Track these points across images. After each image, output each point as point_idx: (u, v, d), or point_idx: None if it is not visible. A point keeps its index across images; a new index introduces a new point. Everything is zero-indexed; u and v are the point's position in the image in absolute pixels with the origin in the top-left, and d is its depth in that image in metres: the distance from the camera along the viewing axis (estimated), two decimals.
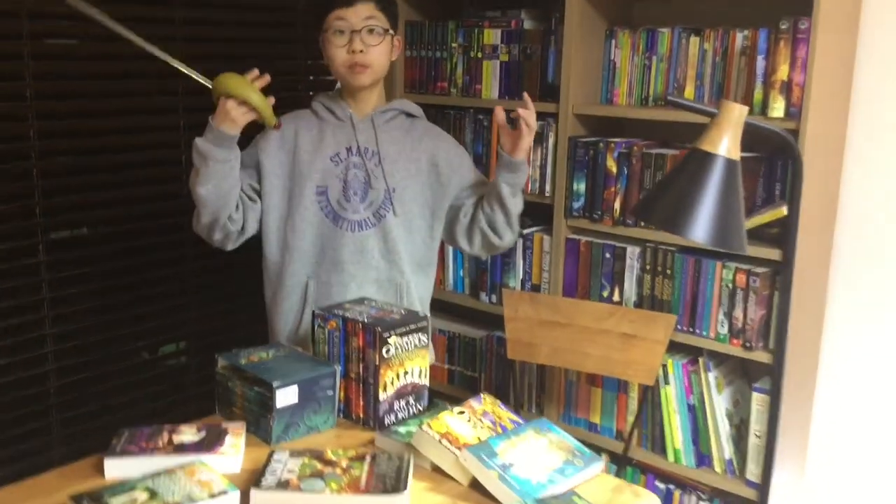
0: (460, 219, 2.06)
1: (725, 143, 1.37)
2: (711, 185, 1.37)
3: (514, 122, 1.89)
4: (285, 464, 1.41)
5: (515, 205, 1.99)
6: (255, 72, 1.83)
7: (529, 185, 2.51)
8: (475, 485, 1.43)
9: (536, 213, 2.61)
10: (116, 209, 2.35)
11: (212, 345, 2.49)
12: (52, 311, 2.22)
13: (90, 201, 2.29)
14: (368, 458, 1.44)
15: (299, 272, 2.02)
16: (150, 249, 2.43)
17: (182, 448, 1.47)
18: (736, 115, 1.36)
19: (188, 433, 1.52)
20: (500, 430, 1.55)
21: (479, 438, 1.50)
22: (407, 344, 1.64)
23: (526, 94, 1.90)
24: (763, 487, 1.63)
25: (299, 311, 2.04)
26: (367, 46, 1.91)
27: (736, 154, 1.38)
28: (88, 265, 2.30)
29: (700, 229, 1.36)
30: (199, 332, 2.58)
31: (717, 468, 2.26)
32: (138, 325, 2.44)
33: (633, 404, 2.38)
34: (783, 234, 2.03)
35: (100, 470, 1.44)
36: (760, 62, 2.09)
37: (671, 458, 2.33)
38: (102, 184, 2.31)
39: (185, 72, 1.85)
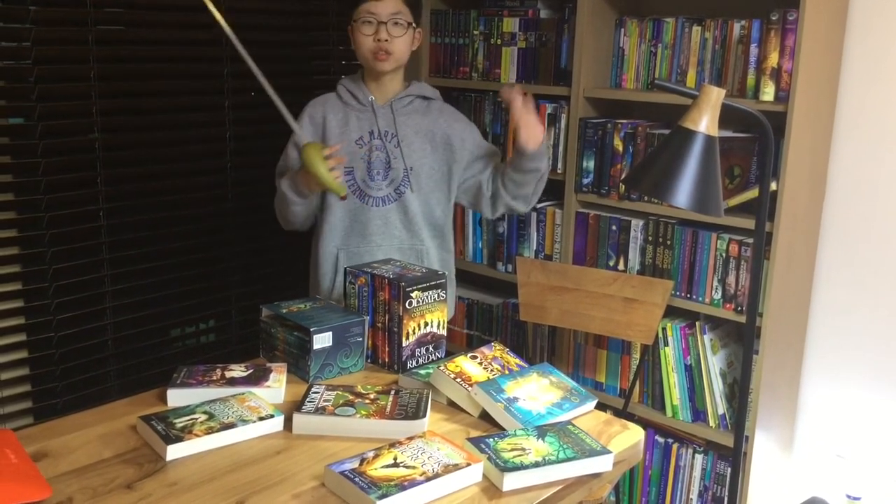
0: (483, 192, 2.27)
1: (705, 122, 1.56)
2: (692, 157, 1.56)
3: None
4: (322, 395, 1.64)
5: (538, 185, 2.26)
6: (334, 148, 2.05)
7: None
8: (484, 416, 1.64)
9: (549, 189, 2.80)
10: (169, 180, 2.58)
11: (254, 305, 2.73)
12: (110, 270, 2.47)
13: (146, 173, 2.53)
14: (393, 392, 1.66)
15: (330, 244, 2.25)
16: (198, 219, 2.67)
17: (233, 382, 1.70)
18: (714, 96, 1.56)
19: (238, 370, 1.75)
20: (507, 372, 1.76)
21: (488, 378, 1.71)
22: (427, 298, 1.86)
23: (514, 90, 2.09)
24: (737, 432, 1.81)
25: (332, 278, 2.27)
26: (391, 37, 2.12)
27: (714, 131, 1.57)
28: (142, 231, 2.54)
29: (682, 196, 1.56)
30: (243, 293, 2.83)
31: (711, 423, 2.46)
32: (186, 287, 2.68)
33: (636, 365, 2.59)
34: (773, 208, 2.23)
35: (162, 399, 1.67)
36: (753, 50, 2.27)
37: (669, 413, 2.53)
38: (156, 158, 2.55)
39: (290, 123, 2.05)
